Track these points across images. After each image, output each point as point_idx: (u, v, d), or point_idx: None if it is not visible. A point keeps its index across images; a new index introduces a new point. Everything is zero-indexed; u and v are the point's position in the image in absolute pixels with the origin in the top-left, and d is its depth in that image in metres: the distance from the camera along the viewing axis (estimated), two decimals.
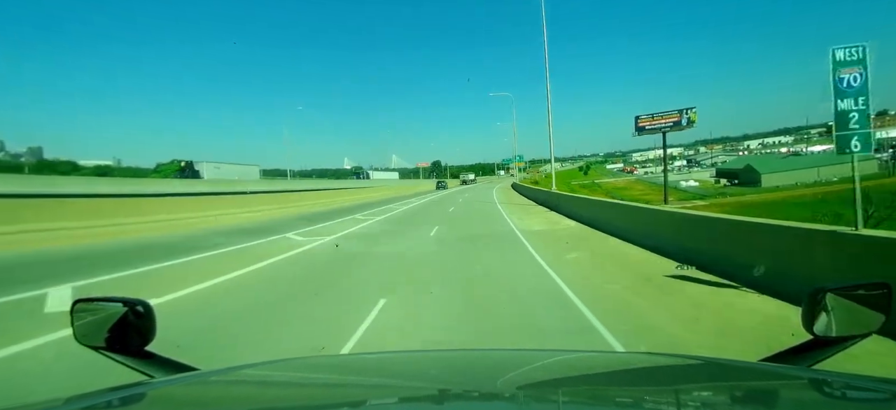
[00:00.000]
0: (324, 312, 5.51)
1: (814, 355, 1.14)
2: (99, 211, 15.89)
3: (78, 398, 0.95)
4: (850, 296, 1.09)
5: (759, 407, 0.96)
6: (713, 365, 1.34)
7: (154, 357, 1.26)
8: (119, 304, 1.23)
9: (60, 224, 13.65)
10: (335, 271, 8.28)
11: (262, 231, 15.15)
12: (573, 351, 3.29)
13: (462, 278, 7.25)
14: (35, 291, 6.59)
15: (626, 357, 2.16)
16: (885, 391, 0.93)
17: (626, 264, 7.94)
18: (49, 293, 6.48)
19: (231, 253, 10.67)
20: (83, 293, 5.59)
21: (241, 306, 5.95)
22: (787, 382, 1.07)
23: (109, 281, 7.59)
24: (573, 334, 4.48)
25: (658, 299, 5.62)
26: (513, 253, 9.55)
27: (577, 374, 1.30)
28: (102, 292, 5.34)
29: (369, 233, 14.51)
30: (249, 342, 4.53)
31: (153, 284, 7.24)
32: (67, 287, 6.89)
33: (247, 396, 1.13)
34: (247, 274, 8.15)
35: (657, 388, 1.13)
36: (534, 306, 5.51)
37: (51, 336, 4.55)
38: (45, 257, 10.29)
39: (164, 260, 9.44)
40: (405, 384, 1.21)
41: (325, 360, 2.58)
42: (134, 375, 1.21)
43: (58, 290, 6.64)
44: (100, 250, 11.46)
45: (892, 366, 3.39)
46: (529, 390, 1.10)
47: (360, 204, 32.26)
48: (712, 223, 7.56)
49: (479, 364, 1.46)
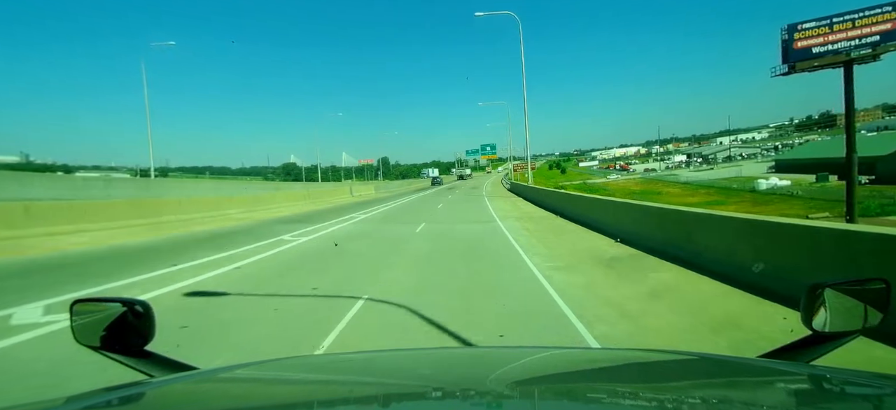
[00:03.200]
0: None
1: (812, 351, 1.16)
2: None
3: (78, 397, 0.94)
4: (849, 292, 1.11)
5: (756, 403, 0.95)
6: (710, 361, 1.34)
7: (153, 357, 1.25)
8: (118, 304, 1.22)
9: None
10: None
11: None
12: (566, 348, 3.33)
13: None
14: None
15: (621, 354, 2.17)
16: (884, 386, 0.95)
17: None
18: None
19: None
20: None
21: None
22: (784, 378, 1.07)
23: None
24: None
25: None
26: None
27: (570, 371, 1.31)
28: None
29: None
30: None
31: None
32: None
33: (245, 394, 1.14)
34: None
35: (652, 385, 1.12)
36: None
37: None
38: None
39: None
40: (399, 382, 1.22)
41: (321, 359, 2.60)
42: (134, 375, 1.20)
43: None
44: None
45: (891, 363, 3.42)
46: (521, 387, 1.10)
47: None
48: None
49: (471, 361, 1.47)
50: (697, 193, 45.62)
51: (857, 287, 1.11)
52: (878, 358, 3.54)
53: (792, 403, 0.94)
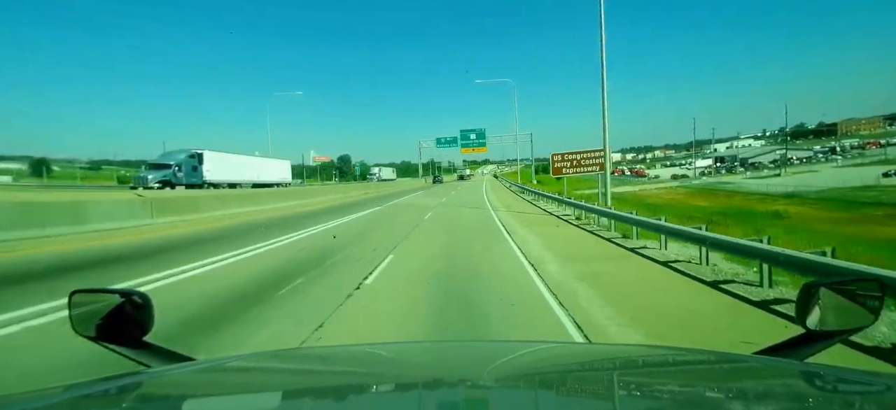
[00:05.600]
0: None
1: (807, 349, 1.16)
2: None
3: (76, 386, 0.95)
4: (844, 291, 1.12)
5: (751, 400, 0.95)
6: (705, 358, 1.34)
7: (152, 348, 1.25)
8: (116, 295, 1.23)
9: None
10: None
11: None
12: (563, 343, 3.33)
13: None
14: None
15: (617, 349, 2.17)
16: (878, 384, 0.95)
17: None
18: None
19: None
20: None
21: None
22: (780, 375, 1.07)
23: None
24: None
25: None
26: None
27: (566, 365, 1.31)
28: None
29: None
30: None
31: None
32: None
33: (242, 384, 1.15)
34: None
35: (648, 380, 1.13)
36: None
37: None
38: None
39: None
40: (394, 374, 1.23)
41: (317, 351, 2.61)
42: (132, 365, 1.20)
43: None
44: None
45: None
46: (518, 381, 1.10)
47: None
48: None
49: (468, 355, 1.47)
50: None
51: (852, 286, 1.12)
52: (873, 357, 3.55)
53: (787, 400, 0.94)
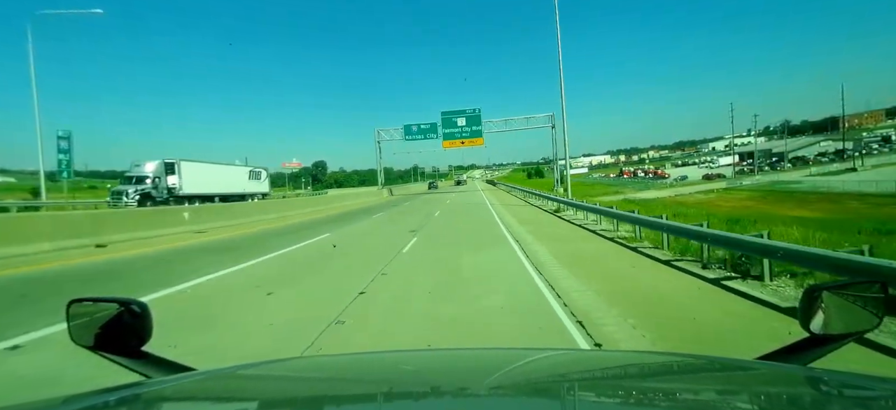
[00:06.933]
0: None
1: (811, 353, 1.15)
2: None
3: (75, 398, 0.94)
4: (847, 295, 1.11)
5: (755, 406, 0.95)
6: (708, 363, 1.33)
7: (150, 358, 1.24)
8: (114, 304, 1.21)
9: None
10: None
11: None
12: (565, 350, 3.32)
13: None
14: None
15: (619, 356, 2.16)
16: (882, 389, 0.94)
17: None
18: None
19: None
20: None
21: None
22: (783, 380, 1.06)
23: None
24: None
25: None
26: None
27: (569, 373, 1.31)
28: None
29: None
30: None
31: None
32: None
33: (241, 395, 1.14)
34: None
35: (650, 386, 1.12)
36: None
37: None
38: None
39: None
40: (395, 383, 1.23)
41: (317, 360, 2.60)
42: (131, 376, 1.19)
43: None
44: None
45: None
46: (520, 390, 1.09)
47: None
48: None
49: (470, 363, 1.47)
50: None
51: (855, 289, 1.11)
52: (877, 361, 3.55)
53: (790, 406, 0.94)
